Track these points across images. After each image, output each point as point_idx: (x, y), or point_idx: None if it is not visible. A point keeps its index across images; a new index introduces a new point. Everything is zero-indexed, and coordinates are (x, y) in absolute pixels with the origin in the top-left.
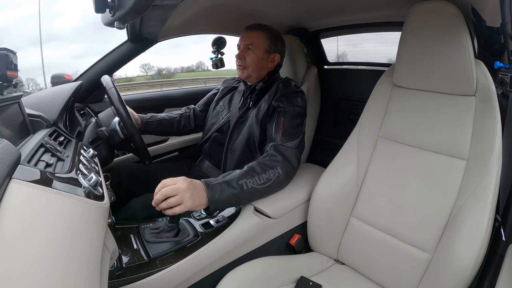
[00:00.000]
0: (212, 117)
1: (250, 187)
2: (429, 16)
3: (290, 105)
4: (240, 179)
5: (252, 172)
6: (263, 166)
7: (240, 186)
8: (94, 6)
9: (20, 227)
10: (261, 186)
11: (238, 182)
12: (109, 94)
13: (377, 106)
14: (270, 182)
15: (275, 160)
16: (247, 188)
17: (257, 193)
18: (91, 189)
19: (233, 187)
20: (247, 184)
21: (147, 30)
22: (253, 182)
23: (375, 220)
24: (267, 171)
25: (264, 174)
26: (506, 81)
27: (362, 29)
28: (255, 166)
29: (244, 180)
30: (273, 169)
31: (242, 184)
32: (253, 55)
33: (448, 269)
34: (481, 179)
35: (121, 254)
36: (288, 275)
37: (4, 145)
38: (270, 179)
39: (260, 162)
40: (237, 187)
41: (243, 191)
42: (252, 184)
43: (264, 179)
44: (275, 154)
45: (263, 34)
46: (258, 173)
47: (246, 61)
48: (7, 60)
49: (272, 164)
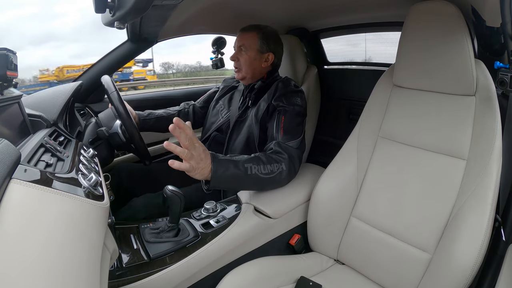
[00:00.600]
0: (211, 116)
1: (253, 173)
2: (429, 16)
3: (290, 104)
4: (246, 162)
5: (258, 160)
6: (269, 158)
7: (245, 169)
8: (94, 6)
9: (20, 227)
10: (264, 176)
11: (244, 164)
12: (109, 94)
13: (377, 106)
14: (273, 174)
15: (281, 156)
16: (250, 173)
17: (258, 182)
18: (91, 189)
19: (238, 168)
20: (252, 169)
21: (147, 30)
22: (257, 169)
23: (375, 220)
24: (272, 163)
25: (269, 165)
26: (506, 81)
27: (362, 29)
28: (261, 156)
29: (250, 165)
30: (278, 164)
31: (247, 167)
32: (245, 56)
33: (448, 269)
34: (481, 179)
35: (121, 254)
36: (288, 275)
37: (4, 145)
38: (273, 171)
39: (266, 154)
40: (242, 169)
41: (247, 175)
42: (256, 171)
43: (269, 170)
44: (280, 151)
45: (254, 35)
46: (264, 163)
47: (240, 62)
48: (7, 60)
49: (277, 159)
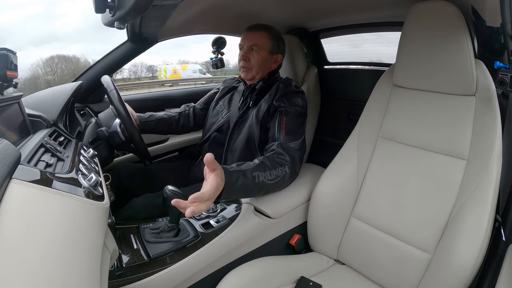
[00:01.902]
0: (211, 116)
1: (261, 181)
2: (429, 16)
3: (291, 105)
4: (254, 170)
5: (265, 167)
6: (273, 162)
7: (253, 177)
8: (94, 6)
9: (20, 227)
10: (270, 182)
11: (252, 173)
12: (109, 94)
13: (377, 106)
14: (278, 179)
15: (284, 159)
16: (258, 181)
17: (264, 188)
18: (91, 189)
19: (247, 177)
20: (259, 177)
21: (147, 30)
22: (264, 176)
23: (375, 220)
24: (277, 168)
25: (274, 170)
26: (506, 81)
27: (362, 29)
28: (266, 161)
29: (257, 173)
30: (282, 167)
31: (255, 176)
32: (257, 56)
33: (448, 269)
34: (481, 179)
35: (121, 254)
36: (288, 275)
37: (4, 145)
38: (278, 176)
39: (269, 158)
40: (250, 178)
41: (255, 183)
42: (263, 178)
43: (274, 175)
44: (282, 152)
45: (266, 35)
46: (269, 169)
47: (251, 62)
48: (7, 60)
49: (281, 162)
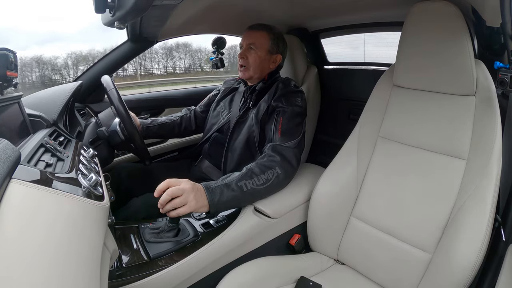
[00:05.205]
0: (212, 117)
1: (250, 188)
2: (429, 16)
3: (289, 105)
4: (239, 181)
5: (251, 174)
6: (261, 167)
7: (239, 187)
8: (94, 6)
9: (20, 227)
10: (261, 187)
11: (237, 184)
12: (108, 93)
13: (377, 106)
14: (269, 182)
15: (273, 160)
16: (247, 190)
17: (257, 194)
18: (91, 189)
19: (233, 189)
20: (247, 185)
21: (147, 30)
22: (252, 183)
23: (375, 220)
24: (265, 172)
25: (263, 174)
26: (506, 81)
27: (362, 29)
28: (254, 167)
29: (243, 182)
30: (272, 169)
31: (241, 185)
32: (255, 55)
33: (448, 269)
34: (481, 179)
35: (121, 254)
36: (288, 275)
37: (4, 145)
38: (269, 179)
39: (258, 164)
40: (236, 189)
41: (243, 192)
42: (252, 185)
43: (263, 179)
44: (273, 154)
45: (265, 34)
46: (256, 174)
47: (248, 60)
48: (7, 60)
49: (270, 165)
